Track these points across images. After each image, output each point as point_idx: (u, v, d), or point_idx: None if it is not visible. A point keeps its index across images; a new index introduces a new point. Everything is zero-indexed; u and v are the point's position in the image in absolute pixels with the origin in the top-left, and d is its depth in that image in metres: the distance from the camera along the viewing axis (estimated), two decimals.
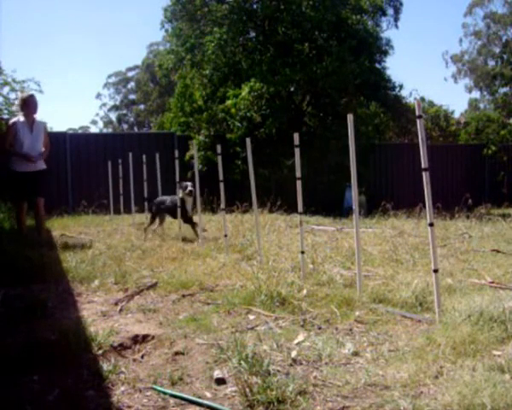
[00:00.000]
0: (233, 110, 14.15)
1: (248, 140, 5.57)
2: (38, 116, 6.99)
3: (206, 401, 2.30)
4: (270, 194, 9.72)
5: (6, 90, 15.19)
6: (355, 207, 4.08)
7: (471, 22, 28.23)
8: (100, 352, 2.84)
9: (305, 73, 14.29)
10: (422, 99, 21.24)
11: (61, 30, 63.00)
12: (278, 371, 2.56)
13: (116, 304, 3.94)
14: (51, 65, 61.76)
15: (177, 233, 7.57)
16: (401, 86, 16.60)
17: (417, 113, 3.46)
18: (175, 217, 7.60)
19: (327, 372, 2.58)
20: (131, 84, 42.87)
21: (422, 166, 3.40)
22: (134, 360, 2.81)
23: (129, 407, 2.28)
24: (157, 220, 7.93)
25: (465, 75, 28.95)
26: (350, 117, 4.03)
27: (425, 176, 3.40)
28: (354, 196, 4.10)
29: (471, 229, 7.93)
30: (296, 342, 2.99)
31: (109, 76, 42.92)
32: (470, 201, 9.36)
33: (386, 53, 16.31)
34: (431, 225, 3.40)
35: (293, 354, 2.78)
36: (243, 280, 4.42)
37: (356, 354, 2.83)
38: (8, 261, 4.94)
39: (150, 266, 5.32)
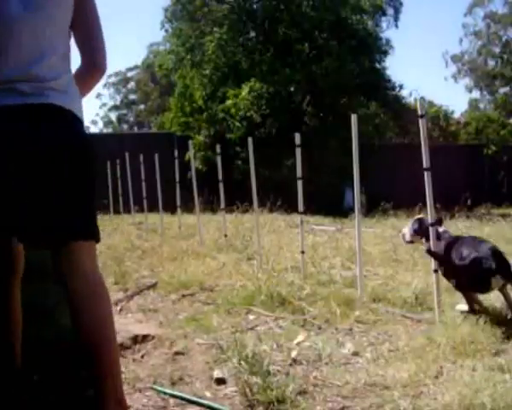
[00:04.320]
0: (233, 110, 14.16)
1: (250, 139, 5.56)
2: None
3: (206, 401, 2.30)
4: (270, 194, 9.72)
5: None
6: (356, 206, 4.08)
7: (471, 22, 28.18)
8: None
9: (305, 73, 14.31)
10: (422, 99, 21.24)
11: None
12: (278, 371, 2.56)
13: (116, 304, 3.94)
14: None
15: (177, 233, 7.58)
16: (401, 86, 16.66)
17: (420, 112, 3.45)
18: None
19: (327, 372, 2.58)
20: (131, 84, 42.82)
21: (424, 165, 3.39)
22: (134, 360, 2.81)
23: (129, 407, 2.28)
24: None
25: (465, 75, 28.94)
26: (354, 117, 4.02)
27: (426, 176, 3.40)
28: (356, 195, 4.10)
29: (471, 229, 7.92)
30: (296, 342, 2.99)
31: (109, 76, 42.83)
32: (470, 201, 9.38)
33: (386, 53, 16.34)
34: (432, 224, 3.39)
35: (293, 354, 2.78)
36: (243, 280, 4.42)
37: (356, 354, 2.83)
38: None
39: (150, 266, 5.33)
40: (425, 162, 3.39)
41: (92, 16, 1.87)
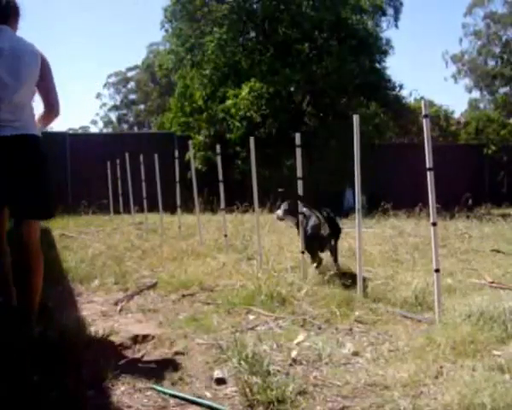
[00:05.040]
0: (233, 110, 14.15)
1: (252, 139, 5.55)
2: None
3: (206, 401, 2.30)
4: (270, 194, 9.71)
5: None
6: (358, 206, 4.07)
7: (471, 22, 28.19)
8: (100, 352, 2.84)
9: (305, 73, 14.30)
10: (422, 99, 21.26)
11: (60, 30, 62.94)
12: (278, 371, 2.56)
13: (116, 304, 3.94)
14: (51, 65, 61.51)
15: (177, 233, 7.58)
16: (401, 86, 16.64)
17: (423, 112, 3.45)
18: None
19: (327, 372, 2.58)
20: (131, 84, 42.79)
21: (427, 165, 3.39)
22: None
23: (129, 406, 2.28)
24: None
25: (465, 75, 28.96)
26: (356, 118, 4.01)
27: (429, 175, 3.40)
28: (357, 195, 4.09)
29: (471, 229, 7.92)
30: (296, 342, 2.99)
31: (109, 76, 42.81)
32: (470, 201, 9.37)
33: (386, 53, 16.31)
34: (434, 224, 3.39)
35: (293, 354, 2.78)
36: (243, 280, 4.42)
37: (356, 354, 2.83)
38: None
39: (150, 266, 5.32)
40: (428, 162, 3.39)
41: (49, 81, 3.04)
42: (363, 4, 16.10)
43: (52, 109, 3.08)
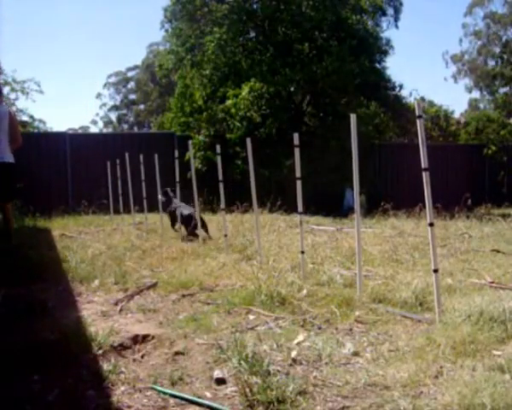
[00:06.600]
0: (233, 110, 14.15)
1: (249, 140, 5.57)
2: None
3: (206, 401, 2.30)
4: (270, 194, 9.71)
5: (6, 90, 15.22)
6: (356, 206, 4.08)
7: (471, 22, 28.26)
8: (100, 352, 2.84)
9: (305, 73, 14.30)
10: (422, 99, 21.23)
11: (61, 30, 62.90)
12: (278, 371, 2.56)
13: (116, 304, 3.94)
14: (51, 65, 61.59)
15: (177, 233, 7.58)
16: (401, 86, 16.63)
17: (417, 113, 3.45)
18: None
19: (327, 372, 2.58)
20: (131, 84, 42.84)
21: (422, 166, 3.39)
22: (134, 360, 2.81)
23: (129, 406, 2.29)
24: None
25: (465, 75, 29.02)
26: (353, 117, 4.01)
27: (425, 176, 3.40)
28: (356, 195, 4.10)
29: (471, 229, 7.92)
30: (296, 342, 2.99)
31: (109, 76, 42.86)
32: (470, 201, 9.37)
33: (386, 53, 16.31)
34: (431, 224, 3.39)
35: (293, 354, 2.78)
36: (243, 280, 4.42)
37: (356, 354, 2.83)
38: (8, 261, 4.94)
39: (150, 266, 5.32)
40: (423, 163, 3.39)
41: (15, 126, 6.08)
42: (363, 4, 16.10)
43: (16, 142, 5.96)
